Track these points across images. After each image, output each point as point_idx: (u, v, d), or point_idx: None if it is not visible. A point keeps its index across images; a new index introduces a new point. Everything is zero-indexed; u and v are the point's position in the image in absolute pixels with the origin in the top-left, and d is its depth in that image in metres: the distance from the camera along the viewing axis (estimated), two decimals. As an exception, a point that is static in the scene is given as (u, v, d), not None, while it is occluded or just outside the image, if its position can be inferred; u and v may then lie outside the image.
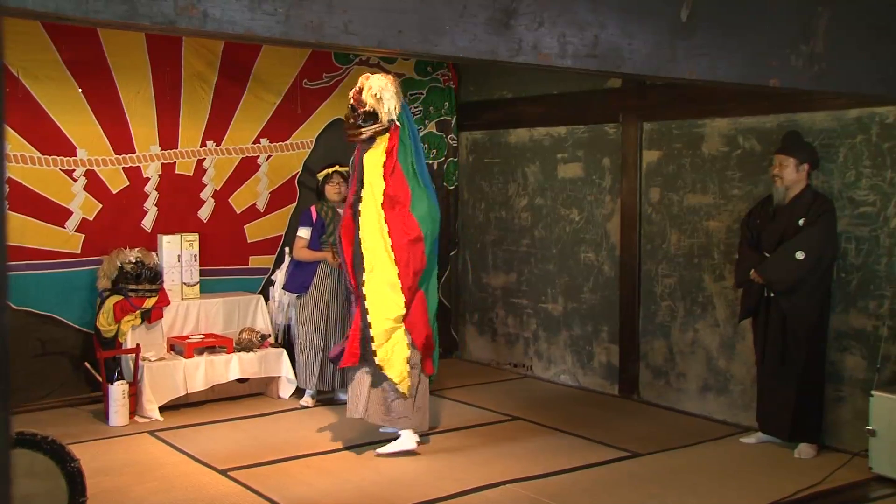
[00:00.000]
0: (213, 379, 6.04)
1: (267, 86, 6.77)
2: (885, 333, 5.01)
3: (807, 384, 5.06)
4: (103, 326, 5.92)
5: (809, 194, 5.09)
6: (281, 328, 6.49)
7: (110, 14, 2.12)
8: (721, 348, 5.89)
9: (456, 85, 7.75)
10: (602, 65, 2.96)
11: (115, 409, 5.63)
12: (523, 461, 5.01)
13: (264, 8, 2.31)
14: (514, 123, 7.32)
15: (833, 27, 3.56)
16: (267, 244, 6.87)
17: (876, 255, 5.07)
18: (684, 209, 6.08)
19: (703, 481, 4.72)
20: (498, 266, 7.53)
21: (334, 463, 5.00)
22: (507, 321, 7.45)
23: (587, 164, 6.76)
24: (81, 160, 6.08)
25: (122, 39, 6.10)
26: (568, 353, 6.95)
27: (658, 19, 3.09)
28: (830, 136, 5.25)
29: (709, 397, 5.99)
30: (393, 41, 2.53)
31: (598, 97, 6.64)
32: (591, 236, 6.74)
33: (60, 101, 5.95)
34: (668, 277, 6.19)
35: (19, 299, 5.81)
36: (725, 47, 3.28)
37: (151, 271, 6.01)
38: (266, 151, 6.82)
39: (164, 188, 6.40)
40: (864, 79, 3.79)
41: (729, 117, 5.77)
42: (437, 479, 4.72)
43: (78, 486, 3.45)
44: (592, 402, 6.41)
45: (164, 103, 6.36)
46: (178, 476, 4.76)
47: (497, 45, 2.73)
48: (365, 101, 5.03)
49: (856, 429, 5.02)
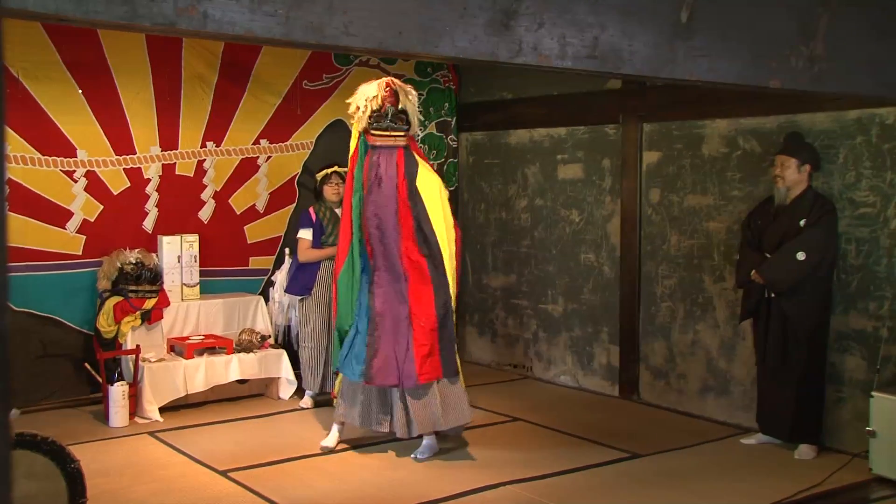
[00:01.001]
0: (213, 380, 6.04)
1: (267, 87, 6.78)
2: (886, 334, 5.01)
3: (807, 385, 5.06)
4: (103, 327, 5.92)
5: (811, 195, 5.09)
6: (281, 329, 6.49)
7: (110, 15, 2.12)
8: (721, 349, 5.89)
9: (456, 86, 7.75)
10: (602, 66, 2.96)
11: (115, 410, 5.63)
12: (523, 462, 5.01)
13: (264, 9, 2.31)
14: (515, 124, 7.32)
15: (833, 28, 3.56)
16: (267, 245, 6.87)
17: (876, 256, 5.07)
18: (684, 210, 6.08)
19: (704, 482, 4.72)
20: (498, 267, 7.53)
21: (334, 464, 5.00)
22: (508, 322, 7.45)
23: (587, 166, 6.76)
24: (82, 161, 6.08)
25: (123, 40, 6.10)
26: (568, 354, 6.95)
27: (658, 20, 3.09)
28: (830, 138, 5.25)
29: (709, 398, 5.99)
30: (393, 42, 2.53)
31: (598, 98, 6.64)
32: (591, 237, 6.74)
33: (61, 102, 5.96)
34: (669, 278, 6.19)
35: (20, 301, 5.81)
36: (725, 48, 3.28)
37: (151, 272, 6.01)
38: (266, 152, 6.82)
39: (164, 189, 6.40)
40: (863, 80, 3.78)
41: (729, 118, 5.78)
42: (437, 480, 4.72)
43: (78, 487, 3.45)
44: (593, 404, 6.41)
45: (165, 104, 6.36)
46: (178, 477, 4.76)
47: (497, 46, 2.73)
48: (404, 106, 5.09)
49: (856, 430, 5.02)
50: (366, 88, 5.13)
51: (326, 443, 5.22)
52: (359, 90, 5.19)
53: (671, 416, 6.06)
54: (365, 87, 5.15)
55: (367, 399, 5.10)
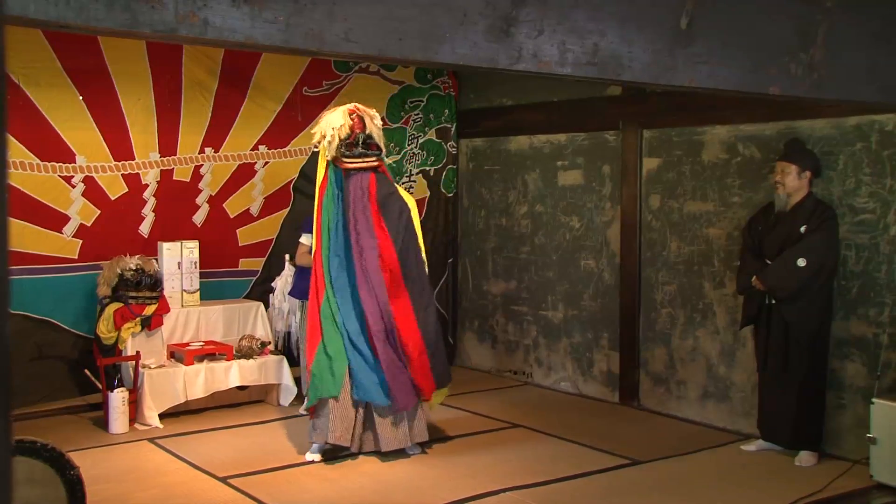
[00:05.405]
0: (213, 386, 6.03)
1: (267, 93, 6.78)
2: (886, 341, 5.01)
3: (808, 391, 5.06)
4: (103, 334, 5.92)
5: (811, 202, 5.09)
6: (281, 335, 6.48)
7: (111, 22, 2.13)
8: (721, 355, 5.89)
9: (456, 92, 7.76)
10: (602, 72, 2.97)
11: (114, 417, 5.62)
12: (523, 469, 5.00)
13: (265, 16, 2.31)
14: (515, 131, 7.33)
15: (832, 35, 3.56)
16: (258, 247, 6.89)
17: (876, 263, 5.07)
18: (684, 216, 6.08)
19: (704, 489, 4.71)
20: (498, 273, 7.53)
21: (334, 470, 4.99)
22: (508, 328, 7.45)
23: (587, 172, 6.77)
24: (80, 167, 6.08)
25: (123, 47, 6.11)
26: (568, 361, 6.95)
27: (658, 27, 3.10)
28: (830, 144, 5.25)
29: (709, 404, 5.98)
30: (393, 49, 2.53)
31: (598, 105, 6.64)
32: (591, 243, 6.74)
33: (61, 108, 5.96)
34: (669, 284, 6.19)
35: (16, 303, 5.79)
36: (725, 55, 3.29)
37: (151, 278, 6.01)
38: (264, 158, 6.83)
39: (161, 194, 6.40)
40: (863, 86, 3.79)
41: (729, 125, 5.78)
42: (437, 487, 4.71)
43: (77, 493, 3.45)
44: (592, 410, 6.40)
45: (165, 111, 6.37)
46: (177, 483, 4.75)
47: (497, 52, 2.73)
48: (370, 132, 5.13)
49: (857, 436, 5.01)
50: (330, 117, 5.15)
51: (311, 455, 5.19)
52: (322, 119, 5.22)
53: (671, 422, 6.05)
54: (329, 116, 5.17)
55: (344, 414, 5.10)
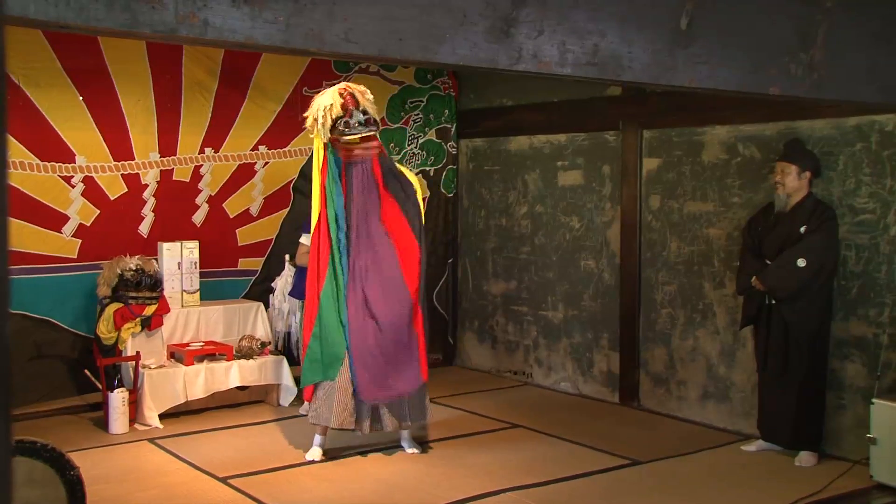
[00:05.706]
0: (214, 386, 6.03)
1: (267, 93, 6.78)
2: (886, 341, 5.01)
3: (808, 392, 5.06)
4: (103, 334, 5.92)
5: (811, 202, 5.09)
6: (281, 336, 6.48)
7: (111, 22, 2.13)
8: (721, 356, 5.89)
9: (456, 92, 7.76)
10: (602, 73, 2.97)
11: (114, 417, 5.62)
12: (523, 469, 5.00)
13: (265, 16, 2.31)
14: (515, 131, 7.33)
15: (832, 35, 3.57)
16: (257, 247, 6.89)
17: (876, 263, 5.07)
18: (684, 217, 6.08)
19: (704, 489, 4.71)
20: (498, 273, 7.53)
21: (334, 470, 4.99)
22: (507, 328, 7.45)
23: (587, 172, 6.77)
24: (80, 167, 6.08)
25: (123, 47, 6.10)
26: (568, 361, 6.95)
27: (658, 27, 3.10)
28: (830, 144, 5.25)
29: (709, 405, 5.98)
30: (393, 49, 2.53)
31: (598, 105, 6.64)
32: (591, 244, 6.74)
33: (61, 109, 5.96)
34: (669, 285, 6.19)
35: (15, 303, 5.80)
36: (725, 55, 3.29)
37: (151, 279, 6.00)
38: (264, 158, 6.83)
39: (161, 195, 6.40)
40: (863, 87, 3.79)
41: (729, 125, 5.78)
42: (437, 487, 4.71)
43: (77, 494, 3.45)
44: (592, 410, 6.40)
45: (165, 111, 6.36)
46: (178, 484, 4.75)
47: (497, 53, 2.73)
48: (364, 107, 5.01)
49: (857, 437, 5.01)
50: (320, 99, 5.04)
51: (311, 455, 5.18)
52: (312, 103, 5.10)
53: (671, 422, 6.05)
54: (319, 99, 5.06)
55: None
